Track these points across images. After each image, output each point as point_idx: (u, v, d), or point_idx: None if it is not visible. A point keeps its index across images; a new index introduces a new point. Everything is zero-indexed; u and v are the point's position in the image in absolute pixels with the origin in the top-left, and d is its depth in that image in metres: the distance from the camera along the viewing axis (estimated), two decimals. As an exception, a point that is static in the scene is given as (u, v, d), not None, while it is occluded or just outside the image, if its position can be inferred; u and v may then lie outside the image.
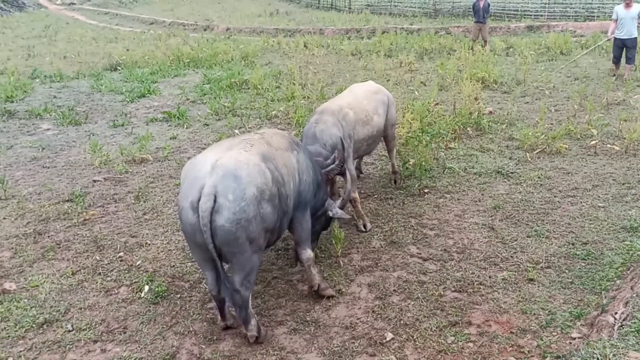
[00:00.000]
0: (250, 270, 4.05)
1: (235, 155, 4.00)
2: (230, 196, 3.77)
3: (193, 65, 16.45)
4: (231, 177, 3.82)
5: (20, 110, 11.54)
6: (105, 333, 4.50)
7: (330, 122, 5.72)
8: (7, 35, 27.82)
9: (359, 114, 6.13)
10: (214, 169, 3.85)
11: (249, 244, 3.92)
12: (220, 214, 3.75)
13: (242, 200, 3.81)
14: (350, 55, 17.00)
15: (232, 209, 3.77)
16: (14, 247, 5.89)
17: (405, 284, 5.06)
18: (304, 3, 38.90)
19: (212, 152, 4.11)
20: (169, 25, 30.52)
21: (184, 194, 3.91)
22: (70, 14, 40.24)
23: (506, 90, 11.82)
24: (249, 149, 4.13)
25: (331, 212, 5.18)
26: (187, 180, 3.97)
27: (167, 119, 10.62)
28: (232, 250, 3.90)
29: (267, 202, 4.00)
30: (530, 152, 8.03)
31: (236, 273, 4.03)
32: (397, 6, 30.51)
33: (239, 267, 4.01)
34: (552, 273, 5.11)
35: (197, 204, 3.76)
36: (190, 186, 3.87)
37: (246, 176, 3.88)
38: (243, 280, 4.02)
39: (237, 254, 3.94)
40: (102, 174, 7.89)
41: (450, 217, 6.32)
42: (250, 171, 3.93)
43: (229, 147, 4.15)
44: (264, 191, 3.96)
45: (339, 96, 6.52)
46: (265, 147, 4.31)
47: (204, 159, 4.04)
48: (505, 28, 21.22)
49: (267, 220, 4.04)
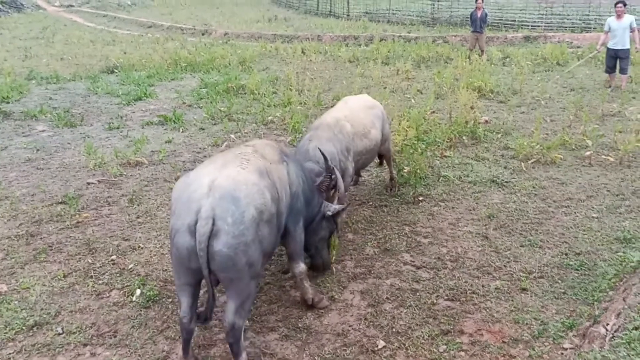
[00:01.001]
0: (247, 297, 3.84)
1: (233, 175, 3.79)
2: (229, 219, 3.58)
3: (190, 69, 16.44)
4: (229, 199, 3.62)
5: (16, 111, 11.50)
6: (96, 337, 4.48)
7: (325, 137, 5.65)
8: (4, 36, 27.75)
9: (356, 127, 6.09)
10: (211, 190, 3.64)
11: (247, 269, 3.71)
12: (219, 238, 3.55)
13: (241, 224, 3.61)
14: (347, 62, 17.03)
15: (231, 232, 3.58)
16: (5, 248, 5.86)
17: (398, 291, 5.05)
18: (303, 9, 38.98)
19: (207, 170, 3.88)
20: (167, 29, 30.50)
21: (179, 216, 3.67)
22: (69, 16, 40.20)
23: (502, 99, 11.86)
24: (245, 166, 3.94)
25: (329, 211, 5.07)
26: (181, 201, 3.73)
27: (163, 123, 10.61)
28: (230, 276, 3.70)
29: (266, 224, 3.84)
30: (525, 162, 8.05)
31: (231, 301, 3.80)
32: (395, 14, 30.60)
33: (235, 295, 3.79)
34: (545, 283, 5.11)
35: (194, 227, 3.55)
36: (186, 208, 3.64)
37: (245, 197, 3.68)
38: (238, 308, 3.79)
39: (234, 280, 3.73)
40: (97, 177, 7.86)
41: (444, 225, 6.33)
42: (249, 191, 3.74)
43: (223, 164, 3.93)
44: (262, 212, 3.79)
45: (335, 108, 6.47)
46: (261, 161, 4.15)
47: (199, 178, 3.80)
48: (503, 38, 21.31)
49: (265, 242, 3.88)
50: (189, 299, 3.86)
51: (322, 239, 5.14)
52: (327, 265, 5.28)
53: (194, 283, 3.84)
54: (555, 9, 26.01)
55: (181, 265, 3.73)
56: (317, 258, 5.14)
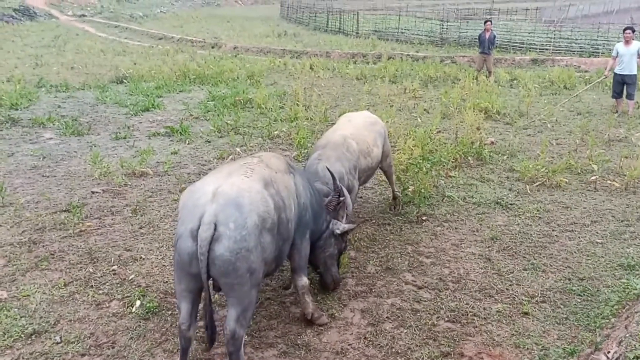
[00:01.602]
0: (248, 305, 3.85)
1: (237, 182, 3.88)
2: (231, 225, 3.64)
3: (199, 82, 16.56)
4: (233, 205, 3.70)
5: (24, 118, 11.59)
6: (94, 347, 4.46)
7: (334, 157, 5.67)
8: (16, 43, 28.07)
9: (361, 144, 6.11)
10: (214, 197, 3.72)
11: (248, 275, 3.73)
12: (220, 242, 3.61)
13: (243, 229, 3.67)
14: (355, 80, 17.11)
15: (233, 237, 3.63)
16: (7, 255, 5.86)
17: (399, 311, 5.02)
18: (312, 26, 39.29)
19: (212, 179, 3.99)
20: (178, 41, 30.80)
21: (183, 221, 3.76)
22: (81, 26, 40.66)
23: (508, 121, 11.86)
24: (250, 175, 4.02)
25: (338, 229, 5.09)
26: (186, 208, 3.82)
27: (170, 134, 10.66)
28: (231, 281, 3.72)
29: (268, 232, 3.89)
30: (530, 185, 8.03)
31: (232, 308, 3.81)
32: (404, 33, 30.79)
33: (237, 302, 3.80)
34: (547, 308, 5.07)
35: (197, 232, 3.62)
36: (190, 214, 3.73)
37: (248, 204, 3.76)
38: (239, 316, 3.79)
39: (235, 286, 3.75)
40: (101, 186, 7.89)
41: (447, 245, 6.30)
42: (253, 199, 3.81)
43: (229, 173, 4.03)
44: (265, 220, 3.85)
45: (340, 126, 6.47)
46: (266, 170, 4.22)
47: (204, 186, 3.91)
48: (510, 60, 21.38)
49: (267, 250, 3.92)
50: (188, 305, 3.87)
51: (330, 256, 5.14)
52: (337, 283, 5.28)
53: (194, 290, 3.86)
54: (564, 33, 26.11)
55: (182, 271, 3.76)
56: (327, 275, 5.14)
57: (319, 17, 39.92)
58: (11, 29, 35.76)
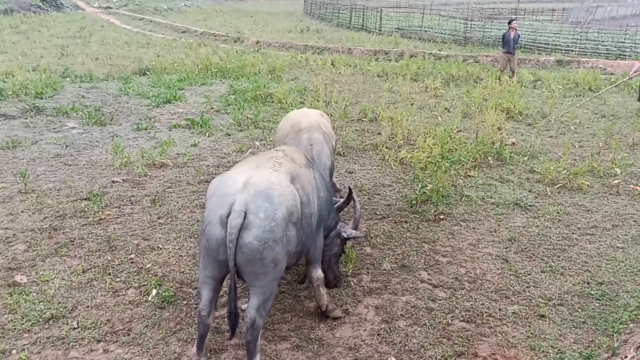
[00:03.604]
0: (269, 296, 3.93)
1: (267, 175, 3.96)
2: (261, 214, 3.72)
3: (220, 76, 16.64)
4: (263, 196, 3.78)
5: (49, 107, 11.78)
6: (110, 333, 4.52)
7: (322, 140, 5.78)
8: (43, 33, 28.48)
9: (328, 128, 6.24)
10: (245, 187, 3.80)
11: (272, 266, 3.82)
12: (249, 231, 3.69)
13: (272, 220, 3.75)
14: (376, 77, 17.05)
15: (262, 227, 3.71)
16: (28, 240, 5.96)
17: (413, 309, 5.00)
18: (335, 22, 39.24)
19: (242, 170, 4.06)
20: (201, 34, 30.99)
21: (212, 209, 3.81)
22: (106, 17, 41.12)
23: (531, 122, 11.72)
24: (278, 169, 4.11)
25: (345, 233, 5.17)
26: (215, 196, 3.88)
27: (190, 126, 10.73)
28: (256, 270, 3.78)
29: (293, 225, 3.96)
30: (550, 187, 7.93)
31: (254, 297, 3.87)
32: (427, 31, 30.60)
33: (259, 291, 3.86)
34: (565, 311, 5.01)
35: (227, 219, 3.68)
36: (220, 201, 3.79)
37: (278, 196, 3.83)
38: (260, 306, 3.86)
39: (260, 276, 3.81)
40: (122, 176, 7.97)
41: (464, 245, 6.25)
42: (282, 192, 3.89)
43: (257, 165, 4.12)
44: (292, 213, 3.93)
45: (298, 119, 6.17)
46: (292, 165, 4.32)
47: (234, 176, 3.98)
48: (535, 60, 21.12)
49: (292, 243, 3.99)
50: (210, 292, 3.93)
51: (335, 255, 5.21)
52: (339, 281, 5.32)
53: (218, 277, 3.93)
54: (590, 35, 25.73)
55: (209, 257, 3.82)
56: (330, 273, 5.16)
57: (342, 14, 39.86)
58: (38, 19, 36.29)
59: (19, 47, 22.76)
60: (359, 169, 8.65)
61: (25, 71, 15.69)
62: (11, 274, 5.27)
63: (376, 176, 8.36)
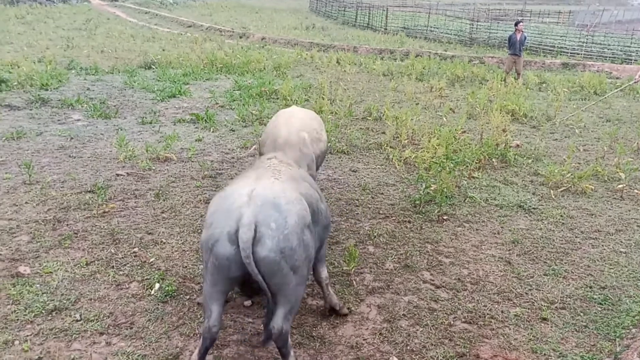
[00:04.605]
0: (295, 302, 3.81)
1: (269, 185, 3.85)
2: (272, 225, 3.58)
3: (225, 71, 16.63)
4: (271, 206, 3.65)
5: (54, 99, 11.78)
6: (112, 326, 4.52)
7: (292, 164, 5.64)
8: (48, 25, 28.50)
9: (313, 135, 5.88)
10: (251, 199, 3.66)
11: (293, 274, 3.68)
12: (263, 244, 3.54)
13: (285, 228, 3.62)
14: (381, 75, 17.03)
15: (276, 237, 3.57)
16: (32, 232, 5.97)
17: (416, 309, 5.00)
18: (341, 20, 39.22)
19: (243, 183, 3.93)
20: (206, 29, 30.97)
21: (218, 226, 3.65)
22: (112, 10, 41.10)
23: (535, 125, 11.70)
24: (279, 176, 4.01)
25: None
26: (218, 212, 3.73)
27: (195, 121, 10.74)
28: (278, 282, 3.65)
29: (307, 229, 3.85)
30: (554, 190, 7.92)
31: (280, 307, 3.73)
32: (433, 31, 30.57)
33: (284, 300, 3.73)
34: (567, 314, 5.00)
35: (235, 235, 3.53)
36: (225, 217, 3.64)
37: (285, 204, 3.72)
38: (287, 314, 3.74)
39: (282, 286, 3.68)
40: (126, 169, 7.98)
41: (467, 246, 6.25)
42: (289, 198, 3.78)
43: (257, 177, 4.01)
44: (304, 217, 3.81)
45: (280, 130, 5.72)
46: (291, 169, 4.27)
47: (236, 190, 3.83)
48: (540, 63, 21.08)
49: (309, 246, 3.88)
50: (220, 307, 3.79)
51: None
52: None
53: (227, 292, 3.84)
54: (596, 38, 25.69)
55: (219, 275, 3.67)
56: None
57: (348, 12, 39.84)
58: (44, 10, 36.31)
59: (25, 38, 22.78)
60: (363, 168, 8.65)
61: (30, 62, 15.69)
62: (15, 265, 5.28)
63: (380, 175, 8.35)
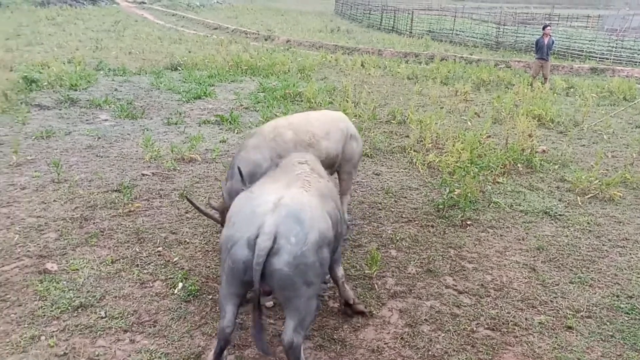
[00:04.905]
0: (306, 315, 3.73)
1: (298, 196, 3.81)
2: (292, 239, 3.53)
3: (250, 73, 16.74)
4: (295, 219, 3.60)
5: (82, 99, 12.00)
6: (136, 324, 4.59)
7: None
8: (78, 26, 29.00)
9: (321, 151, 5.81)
10: (276, 208, 3.62)
11: (306, 288, 3.64)
12: (280, 256, 3.50)
13: (304, 245, 3.56)
14: (406, 79, 16.96)
15: (293, 253, 3.52)
16: (60, 229, 6.09)
17: (438, 314, 4.96)
18: (366, 23, 39.17)
19: (272, 188, 3.91)
20: (232, 31, 31.20)
21: (239, 228, 3.62)
22: (140, 12, 41.68)
23: (562, 130, 11.53)
24: (308, 188, 3.98)
25: None
26: (242, 214, 3.70)
27: (219, 123, 10.83)
28: (288, 294, 3.64)
29: (326, 247, 3.82)
30: (581, 196, 7.79)
31: (289, 319, 3.70)
32: (458, 35, 30.34)
33: (294, 312, 3.69)
34: (593, 323, 4.92)
35: (254, 241, 3.50)
36: (247, 221, 3.61)
37: (309, 219, 3.66)
38: (297, 326, 3.67)
39: (293, 299, 3.65)
40: (151, 169, 8.09)
41: (490, 252, 6.18)
42: (314, 215, 3.73)
43: (287, 184, 3.98)
44: (326, 236, 3.78)
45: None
46: (321, 182, 4.25)
47: (263, 194, 3.81)
48: (568, 67, 20.77)
49: (324, 264, 3.85)
50: (234, 308, 3.78)
51: None
52: None
53: (243, 294, 3.80)
54: (626, 43, 25.20)
55: (234, 277, 3.66)
56: None
57: (373, 15, 39.78)
58: (74, 12, 36.97)
59: (55, 39, 23.22)
60: (386, 171, 8.62)
61: (60, 63, 16.00)
62: (42, 262, 5.39)
63: (403, 179, 8.32)
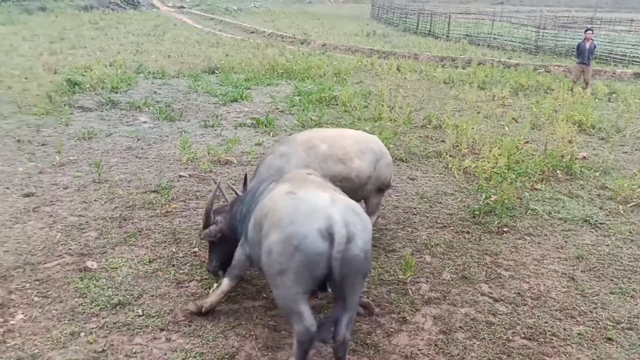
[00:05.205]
0: (355, 310, 3.89)
1: (339, 193, 4.06)
2: (359, 227, 3.68)
3: (286, 76, 16.85)
4: (353, 211, 3.78)
5: (123, 101, 12.29)
6: (172, 323, 4.66)
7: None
8: (119, 30, 29.72)
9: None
10: (334, 202, 3.76)
11: (363, 278, 3.84)
12: (355, 243, 3.61)
13: (367, 233, 3.75)
14: (442, 83, 16.81)
15: (363, 239, 3.67)
16: (100, 228, 6.24)
17: (473, 322, 4.90)
18: (402, 27, 39.00)
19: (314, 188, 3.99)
20: (268, 35, 31.49)
21: (303, 224, 3.63)
22: (179, 17, 42.48)
23: (604, 136, 11.24)
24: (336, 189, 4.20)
25: None
26: (299, 213, 3.70)
27: (255, 125, 10.93)
28: (355, 282, 3.74)
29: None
30: (623, 205, 7.58)
31: (345, 313, 3.77)
32: (496, 39, 29.91)
33: (351, 305, 3.81)
34: (634, 335, 4.77)
35: (327, 231, 3.55)
36: (311, 215, 3.65)
37: (362, 212, 3.89)
38: (349, 322, 3.80)
39: (356, 287, 3.79)
40: (188, 170, 8.22)
41: (528, 260, 6.07)
42: (362, 210, 3.96)
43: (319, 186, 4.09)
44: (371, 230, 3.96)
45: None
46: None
47: (311, 193, 3.88)
48: (610, 72, 20.24)
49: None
50: (308, 306, 3.76)
51: None
52: None
53: (309, 292, 3.83)
54: (673, 47, 24.43)
55: (305, 273, 3.64)
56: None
57: (410, 19, 39.59)
58: (116, 17, 37.91)
59: (97, 42, 23.86)
60: (421, 176, 8.56)
61: (102, 66, 16.43)
62: (83, 260, 5.54)
63: (438, 184, 8.24)
